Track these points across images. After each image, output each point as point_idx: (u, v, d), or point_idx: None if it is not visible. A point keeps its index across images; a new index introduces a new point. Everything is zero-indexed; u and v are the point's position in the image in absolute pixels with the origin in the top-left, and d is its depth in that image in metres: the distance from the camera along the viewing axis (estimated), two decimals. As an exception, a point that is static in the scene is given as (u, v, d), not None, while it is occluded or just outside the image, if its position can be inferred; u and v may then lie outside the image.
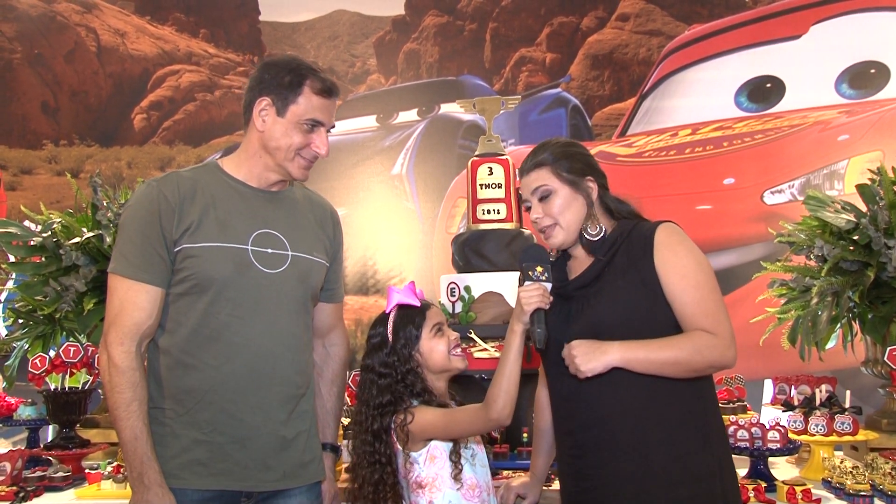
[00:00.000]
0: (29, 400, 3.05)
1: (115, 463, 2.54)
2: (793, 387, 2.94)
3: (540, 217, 1.86)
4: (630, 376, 1.73)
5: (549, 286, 1.79)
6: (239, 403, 1.78)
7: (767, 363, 3.49)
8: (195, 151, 6.78)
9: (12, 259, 3.10)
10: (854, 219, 2.75)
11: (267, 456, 1.80)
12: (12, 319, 3.18)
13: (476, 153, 2.99)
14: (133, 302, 1.76)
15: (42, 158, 6.77)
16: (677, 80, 6.13)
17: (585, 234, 1.85)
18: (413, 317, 1.93)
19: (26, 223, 3.17)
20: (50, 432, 3.21)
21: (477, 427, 1.86)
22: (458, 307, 2.77)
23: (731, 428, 2.44)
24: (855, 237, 2.74)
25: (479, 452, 1.95)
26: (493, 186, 2.91)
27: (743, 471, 2.46)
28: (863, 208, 2.79)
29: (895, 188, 2.75)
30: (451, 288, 2.81)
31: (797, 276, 2.89)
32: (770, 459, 2.49)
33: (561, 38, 6.53)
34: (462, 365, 1.95)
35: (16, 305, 3.11)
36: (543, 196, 1.85)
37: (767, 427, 2.42)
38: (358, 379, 2.01)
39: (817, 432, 2.50)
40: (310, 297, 1.94)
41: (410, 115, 6.59)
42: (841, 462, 2.33)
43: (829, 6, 5.79)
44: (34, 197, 5.98)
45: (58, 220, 3.05)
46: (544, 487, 2.10)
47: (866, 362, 2.91)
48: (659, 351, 1.72)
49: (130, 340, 1.75)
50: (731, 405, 3.03)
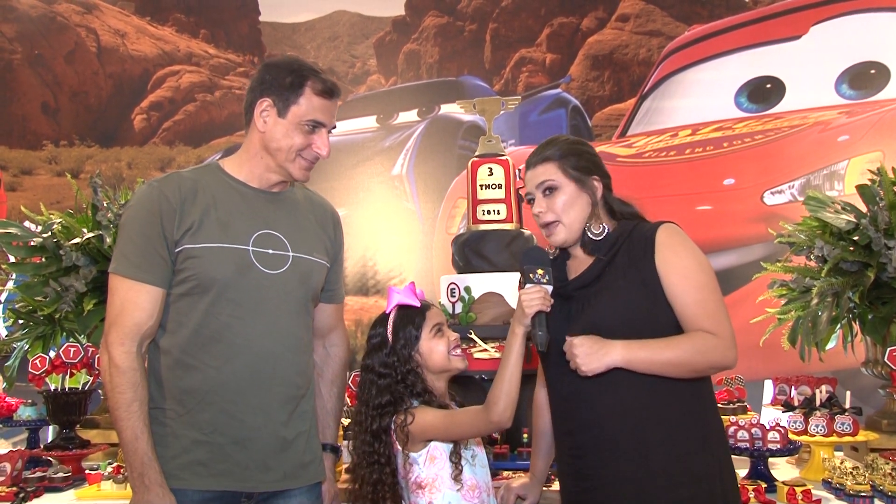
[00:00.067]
0: (29, 400, 3.05)
1: (116, 463, 2.54)
2: (793, 387, 2.94)
3: (543, 211, 1.86)
4: (630, 376, 1.73)
5: (550, 289, 1.79)
6: (239, 404, 1.78)
7: (768, 364, 3.49)
8: (195, 152, 6.78)
9: (12, 259, 3.10)
10: (854, 219, 2.75)
11: (267, 457, 1.80)
12: (12, 320, 3.17)
13: (476, 154, 2.99)
14: (134, 302, 1.76)
15: (42, 159, 6.77)
16: (677, 81, 6.13)
17: (589, 234, 1.85)
18: (413, 317, 1.93)
19: (26, 224, 3.16)
20: (50, 433, 3.21)
21: (477, 429, 1.86)
22: (459, 308, 2.77)
23: (732, 428, 2.44)
24: (855, 238, 2.74)
25: (479, 453, 1.95)
26: (494, 187, 2.91)
27: (743, 471, 2.46)
28: (863, 209, 2.79)
29: (895, 189, 2.75)
30: (452, 288, 2.81)
31: (797, 277, 2.89)
32: (770, 460, 2.49)
33: (561, 39, 6.53)
34: (462, 365, 1.95)
35: (16, 306, 3.11)
36: (548, 190, 1.86)
37: (768, 427, 2.42)
38: (358, 379, 2.01)
39: (817, 433, 2.50)
40: (310, 298, 1.94)
41: (410, 116, 6.59)
42: (841, 463, 2.33)
43: (829, 7, 5.79)
44: (34, 197, 5.98)
45: (58, 221, 3.05)
46: (544, 488, 2.10)
47: (866, 363, 2.91)
48: (661, 351, 1.72)
49: (131, 341, 1.75)
50: (732, 406, 3.04)
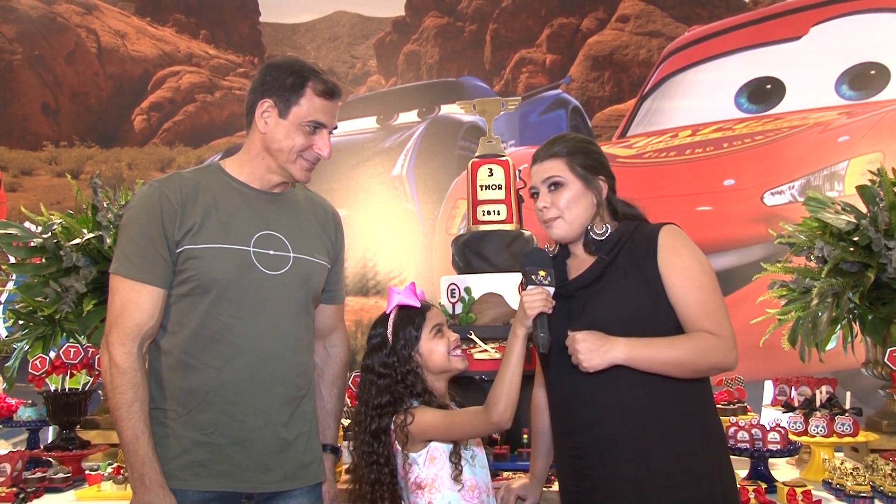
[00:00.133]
0: (29, 401, 3.06)
1: (116, 464, 2.54)
2: (793, 388, 2.94)
3: (547, 207, 1.86)
4: (631, 376, 1.73)
5: (552, 290, 1.79)
6: (240, 405, 1.78)
7: (768, 364, 3.49)
8: (195, 152, 6.78)
9: (12, 260, 3.10)
10: (854, 220, 2.75)
11: (267, 457, 1.80)
12: (12, 320, 3.18)
13: (476, 154, 2.99)
14: (135, 302, 1.75)
15: (42, 159, 6.77)
16: (677, 82, 6.13)
17: (591, 234, 1.85)
18: (413, 318, 1.93)
19: (26, 224, 3.17)
20: (50, 433, 3.21)
21: (478, 429, 1.86)
22: (459, 308, 2.77)
23: (732, 429, 2.44)
24: (855, 238, 2.74)
25: (479, 454, 1.95)
26: (494, 188, 2.91)
27: (743, 472, 2.46)
28: (863, 209, 2.79)
29: (895, 189, 2.75)
30: (452, 289, 2.81)
31: (797, 278, 2.89)
32: (770, 461, 2.49)
33: (561, 40, 6.54)
34: (462, 366, 1.95)
35: (16, 306, 3.11)
36: (554, 186, 1.86)
37: (768, 428, 2.42)
38: (358, 380, 2.01)
39: (818, 433, 2.50)
40: (311, 299, 1.94)
41: (411, 117, 6.60)
42: (841, 463, 2.33)
43: (830, 7, 5.80)
44: (34, 198, 5.98)
45: (58, 222, 3.06)
46: (544, 489, 2.10)
47: (866, 363, 2.91)
48: (663, 350, 1.72)
49: (132, 341, 1.74)
50: (732, 406, 3.04)
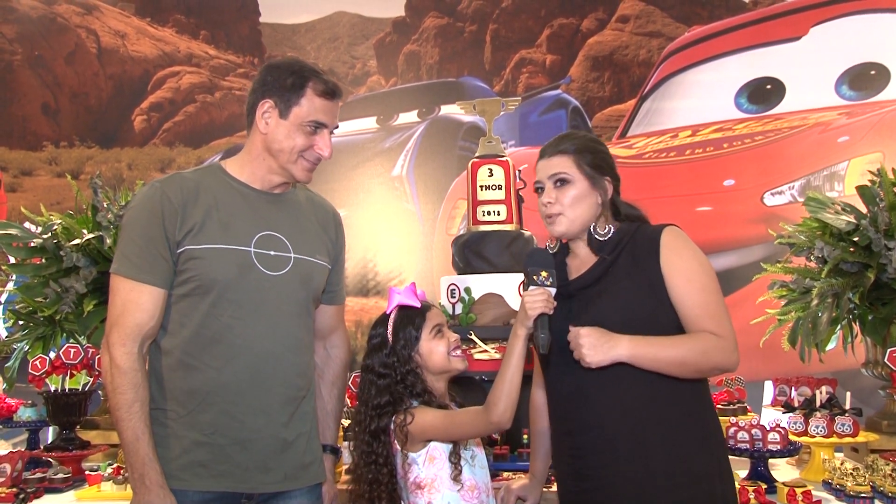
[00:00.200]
0: (29, 401, 3.06)
1: (116, 464, 2.54)
2: (793, 388, 2.94)
3: (551, 202, 1.85)
4: (631, 376, 1.73)
5: (554, 291, 1.79)
6: (240, 405, 1.78)
7: (768, 364, 3.49)
8: (195, 153, 6.78)
9: (12, 260, 3.10)
10: (854, 220, 2.75)
11: (268, 458, 1.80)
12: (12, 321, 3.17)
13: (476, 155, 2.99)
14: (135, 303, 1.75)
15: (42, 160, 6.77)
16: (677, 82, 6.13)
17: (594, 234, 1.85)
18: (413, 318, 1.93)
19: (27, 225, 3.17)
20: (50, 434, 3.21)
21: (477, 430, 1.86)
22: (459, 309, 2.77)
23: (732, 429, 2.44)
24: (855, 238, 2.74)
25: (479, 454, 1.95)
26: (494, 188, 2.91)
27: (743, 472, 2.46)
28: (863, 210, 2.79)
29: (895, 189, 2.75)
30: (452, 289, 2.81)
31: (797, 278, 2.89)
32: (770, 461, 2.49)
33: (561, 40, 6.54)
34: (462, 366, 1.95)
35: (16, 307, 3.11)
36: (560, 182, 1.85)
37: (768, 428, 2.42)
38: (358, 380, 2.01)
39: (818, 434, 2.50)
40: (312, 300, 1.94)
41: (411, 117, 6.60)
42: (841, 464, 2.33)
43: (829, 8, 5.80)
44: (34, 198, 5.98)
45: (58, 222, 3.06)
46: (544, 489, 2.09)
47: (866, 364, 2.91)
48: (666, 349, 1.72)
49: (132, 341, 1.74)
50: (732, 406, 3.03)
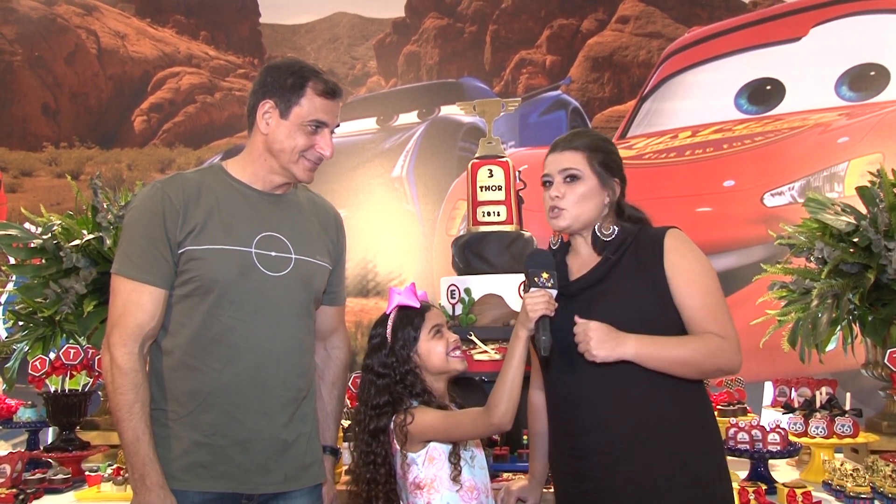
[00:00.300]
0: (29, 402, 3.06)
1: (115, 465, 2.54)
2: (793, 389, 2.95)
3: (559, 196, 1.85)
4: (632, 377, 1.73)
5: (555, 293, 1.78)
6: (241, 406, 1.78)
7: (768, 365, 3.49)
8: (195, 153, 6.78)
9: (12, 261, 3.10)
10: (854, 221, 2.75)
11: (268, 459, 1.80)
12: (12, 321, 3.17)
13: (476, 155, 3.00)
14: (136, 303, 1.75)
15: (42, 160, 6.77)
16: (677, 83, 6.13)
17: (599, 233, 1.85)
18: (412, 318, 1.93)
19: (26, 225, 3.17)
20: (50, 434, 3.21)
21: (478, 431, 1.86)
22: (459, 309, 2.77)
23: (732, 430, 2.44)
24: (855, 239, 2.74)
25: (478, 454, 1.95)
26: (494, 189, 2.92)
27: (743, 473, 2.46)
28: (863, 210, 2.80)
29: (895, 190, 2.75)
30: (452, 290, 2.81)
31: (797, 279, 2.89)
32: (770, 462, 2.49)
33: (561, 41, 6.54)
34: (461, 366, 1.94)
35: (16, 307, 3.11)
36: (571, 178, 1.85)
37: (768, 429, 2.42)
38: (358, 381, 2.01)
39: (817, 434, 2.50)
40: (312, 301, 1.94)
41: (411, 118, 6.60)
42: (841, 464, 2.33)
43: (829, 8, 5.80)
44: (34, 199, 5.98)
45: (58, 223, 3.06)
46: (544, 490, 2.09)
47: (866, 364, 2.91)
48: (672, 349, 1.73)
49: (133, 342, 1.74)
50: (732, 407, 3.03)
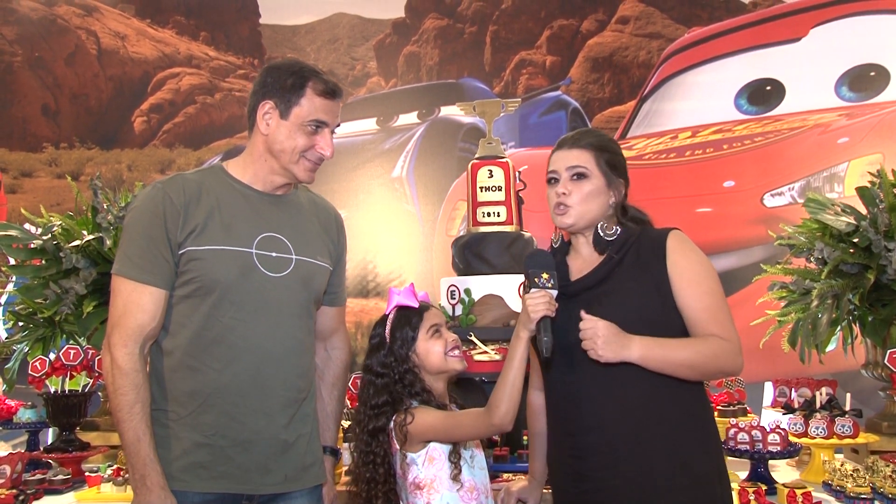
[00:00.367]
0: (29, 403, 3.06)
1: (115, 466, 2.54)
2: (793, 389, 2.94)
3: (566, 194, 1.85)
4: (633, 377, 1.73)
5: (556, 293, 1.78)
6: (241, 407, 1.78)
7: (768, 366, 3.49)
8: (195, 154, 6.78)
9: (12, 262, 3.10)
10: (854, 221, 2.75)
11: (268, 459, 1.80)
12: (12, 322, 3.18)
13: (476, 156, 3.00)
14: (137, 304, 1.75)
15: (42, 161, 6.77)
16: (677, 83, 6.13)
17: (602, 234, 1.85)
18: (410, 318, 1.94)
19: (26, 226, 3.17)
20: (50, 435, 3.21)
21: (479, 431, 1.86)
22: (459, 310, 2.77)
23: (732, 430, 2.44)
24: (855, 240, 2.74)
25: (478, 455, 1.95)
26: (494, 189, 2.92)
27: (743, 473, 2.47)
28: (863, 211, 2.80)
29: (895, 191, 2.75)
30: (452, 290, 2.81)
31: (797, 279, 2.89)
32: (770, 462, 2.49)
33: (561, 41, 6.54)
34: (460, 366, 1.94)
35: (16, 308, 3.11)
36: (578, 176, 1.85)
37: (768, 430, 2.42)
38: (359, 382, 2.01)
39: (818, 435, 2.50)
40: (313, 301, 1.94)
41: (410, 118, 6.60)
42: (841, 465, 2.33)
43: (829, 9, 5.80)
44: (34, 200, 5.97)
45: (58, 223, 3.06)
46: (544, 490, 2.09)
47: (866, 365, 2.91)
48: (676, 351, 1.73)
49: (134, 342, 1.74)
50: (732, 408, 3.03)
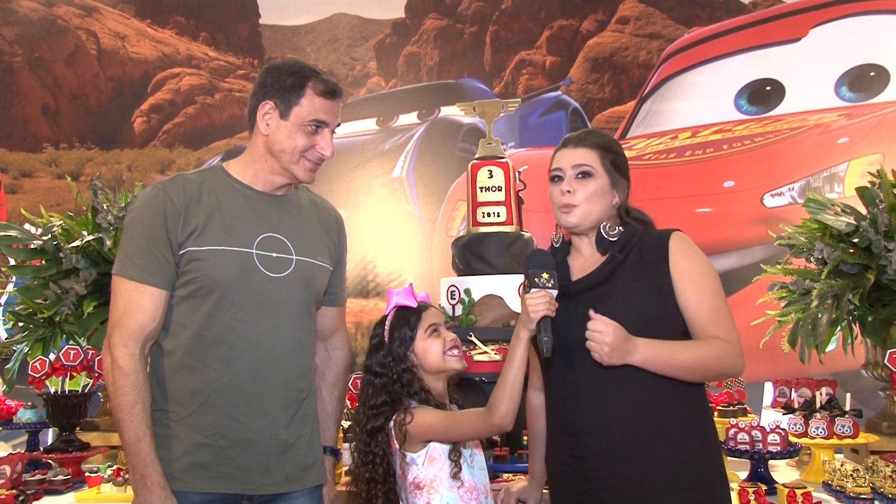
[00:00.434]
0: (29, 403, 3.06)
1: (115, 466, 2.54)
2: (793, 389, 2.94)
3: (571, 192, 1.84)
4: (634, 378, 1.73)
5: (556, 293, 1.78)
6: (241, 407, 1.78)
7: (768, 366, 3.49)
8: (195, 154, 6.78)
9: (12, 262, 3.10)
10: (854, 221, 2.75)
11: (269, 459, 1.80)
12: (12, 322, 3.18)
13: (476, 156, 3.00)
14: (137, 304, 1.75)
15: (42, 161, 6.77)
16: (677, 83, 6.13)
17: (604, 233, 1.85)
18: (408, 318, 1.94)
19: (26, 226, 3.17)
20: (50, 435, 3.21)
21: (479, 431, 1.86)
22: (459, 310, 2.77)
23: (732, 431, 2.44)
24: (855, 240, 2.74)
25: (478, 455, 1.95)
26: (493, 189, 2.92)
27: (743, 473, 2.47)
28: (863, 211, 2.80)
29: (895, 191, 2.75)
30: (451, 291, 2.81)
31: (797, 279, 2.89)
32: (770, 462, 2.49)
33: (561, 41, 6.54)
34: (458, 365, 1.94)
35: (16, 308, 3.11)
36: (583, 174, 1.85)
37: (768, 430, 2.42)
38: (359, 382, 2.02)
39: (818, 435, 2.50)
40: (313, 301, 1.94)
41: (410, 118, 6.60)
42: (841, 465, 2.33)
43: (829, 9, 5.80)
44: (34, 200, 5.98)
45: (58, 224, 3.06)
46: (544, 490, 2.09)
47: (866, 365, 2.91)
48: (679, 354, 1.73)
49: (134, 343, 1.74)
50: (732, 408, 3.03)
